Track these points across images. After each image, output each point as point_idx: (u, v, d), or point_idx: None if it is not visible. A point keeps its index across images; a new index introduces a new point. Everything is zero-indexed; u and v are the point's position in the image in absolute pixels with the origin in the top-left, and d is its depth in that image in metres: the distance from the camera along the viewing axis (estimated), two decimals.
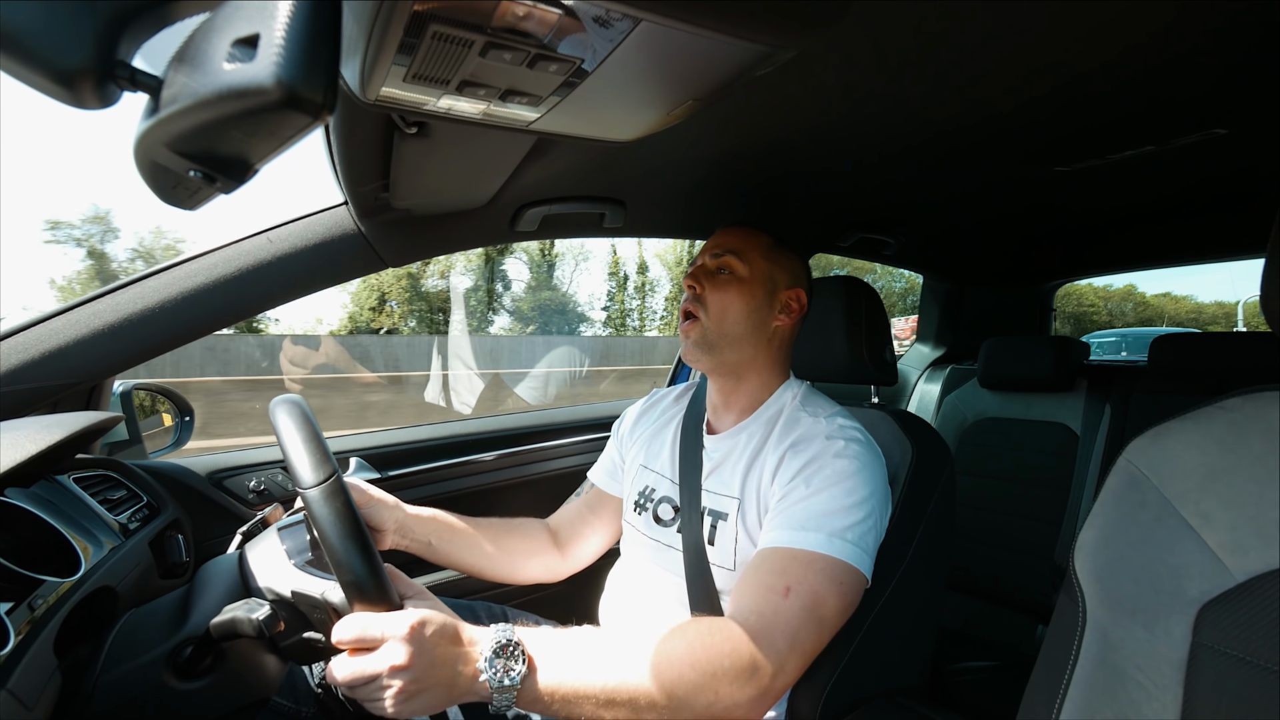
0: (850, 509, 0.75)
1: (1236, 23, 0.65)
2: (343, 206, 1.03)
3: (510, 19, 0.47)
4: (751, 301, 0.92)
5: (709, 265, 0.95)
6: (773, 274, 0.94)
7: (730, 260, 0.93)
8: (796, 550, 0.73)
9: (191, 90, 0.32)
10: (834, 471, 0.78)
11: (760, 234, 0.97)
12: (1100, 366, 1.69)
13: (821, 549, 0.72)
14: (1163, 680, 0.46)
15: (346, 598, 0.64)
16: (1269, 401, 0.48)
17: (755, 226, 0.98)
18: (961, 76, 0.76)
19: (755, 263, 0.93)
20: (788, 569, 0.72)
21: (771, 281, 0.94)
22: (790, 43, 0.51)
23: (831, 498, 0.76)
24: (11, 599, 0.63)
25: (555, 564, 1.07)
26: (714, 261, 0.94)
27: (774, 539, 0.76)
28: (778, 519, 0.78)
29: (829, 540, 0.73)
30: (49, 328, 0.88)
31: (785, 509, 0.78)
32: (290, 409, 0.72)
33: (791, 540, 0.74)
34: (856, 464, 0.79)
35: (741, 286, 0.92)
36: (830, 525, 0.74)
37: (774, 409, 0.93)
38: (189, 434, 1.26)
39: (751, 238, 0.96)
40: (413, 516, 0.97)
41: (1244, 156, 1.09)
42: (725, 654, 0.66)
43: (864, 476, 0.78)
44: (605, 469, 1.13)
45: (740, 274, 0.92)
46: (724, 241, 0.95)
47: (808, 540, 0.73)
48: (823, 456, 0.80)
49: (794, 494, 0.79)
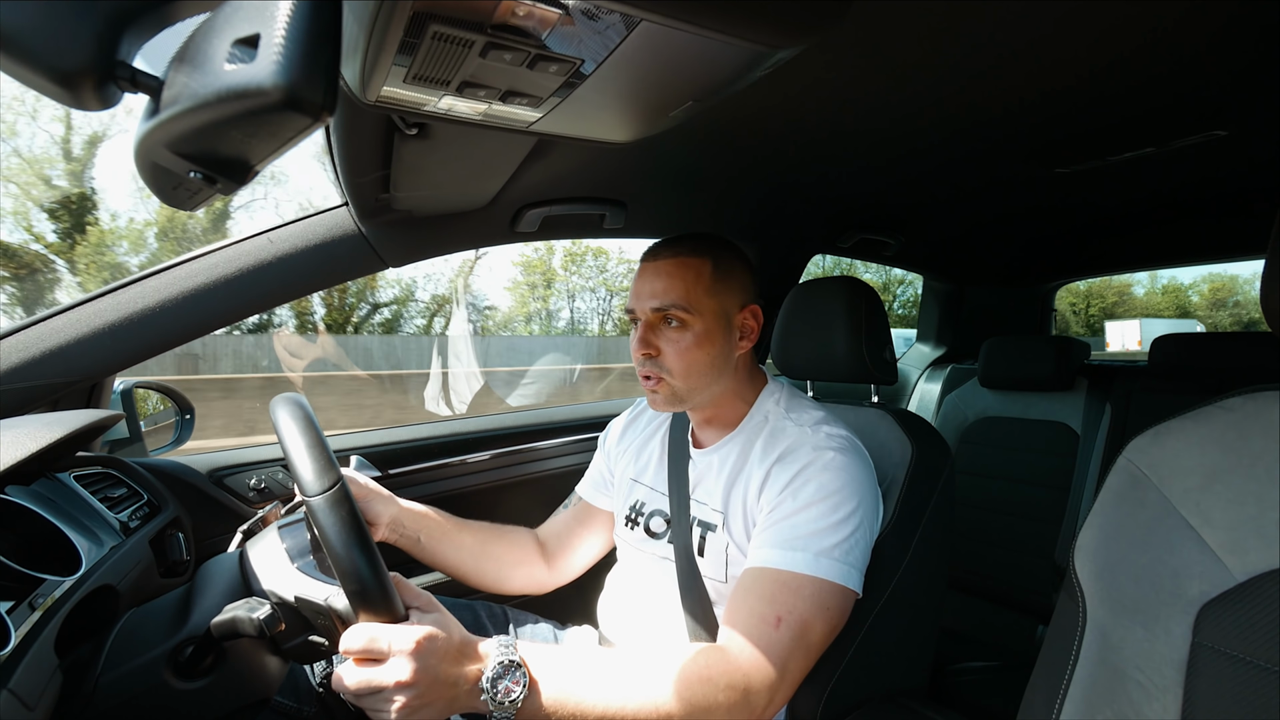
0: (838, 525, 0.75)
1: (1236, 25, 0.65)
2: (343, 207, 1.03)
3: (510, 19, 0.47)
4: (713, 347, 0.86)
5: (652, 319, 0.87)
6: (723, 306, 0.86)
7: (676, 312, 0.84)
8: (785, 574, 0.73)
9: (192, 91, 0.32)
10: (820, 485, 0.77)
11: (695, 260, 0.86)
12: (1101, 366, 1.69)
13: (810, 570, 0.73)
14: (1163, 680, 0.46)
15: (351, 606, 0.64)
16: (1269, 401, 0.48)
17: (689, 248, 0.87)
18: (962, 77, 0.76)
19: (703, 303, 0.85)
20: (777, 596, 0.73)
21: (724, 316, 0.87)
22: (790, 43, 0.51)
23: (820, 514, 0.76)
24: (12, 598, 0.63)
25: (541, 576, 1.06)
26: (657, 315, 0.86)
27: (764, 558, 0.76)
28: (767, 534, 0.78)
29: (816, 561, 0.73)
30: (50, 326, 0.88)
31: (774, 524, 0.78)
32: (292, 410, 0.71)
33: (781, 561, 0.74)
34: (844, 476, 0.78)
35: (699, 335, 0.85)
36: (818, 544, 0.74)
37: (757, 418, 0.91)
38: (190, 432, 1.26)
39: (689, 271, 0.85)
40: (406, 511, 0.97)
41: (1244, 158, 1.09)
42: (720, 687, 0.68)
43: (851, 489, 0.78)
44: (592, 482, 1.12)
45: (692, 324, 0.85)
46: (663, 289, 0.85)
47: (796, 561, 0.73)
48: (810, 469, 0.79)
49: (782, 508, 0.78)
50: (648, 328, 0.87)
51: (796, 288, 1.10)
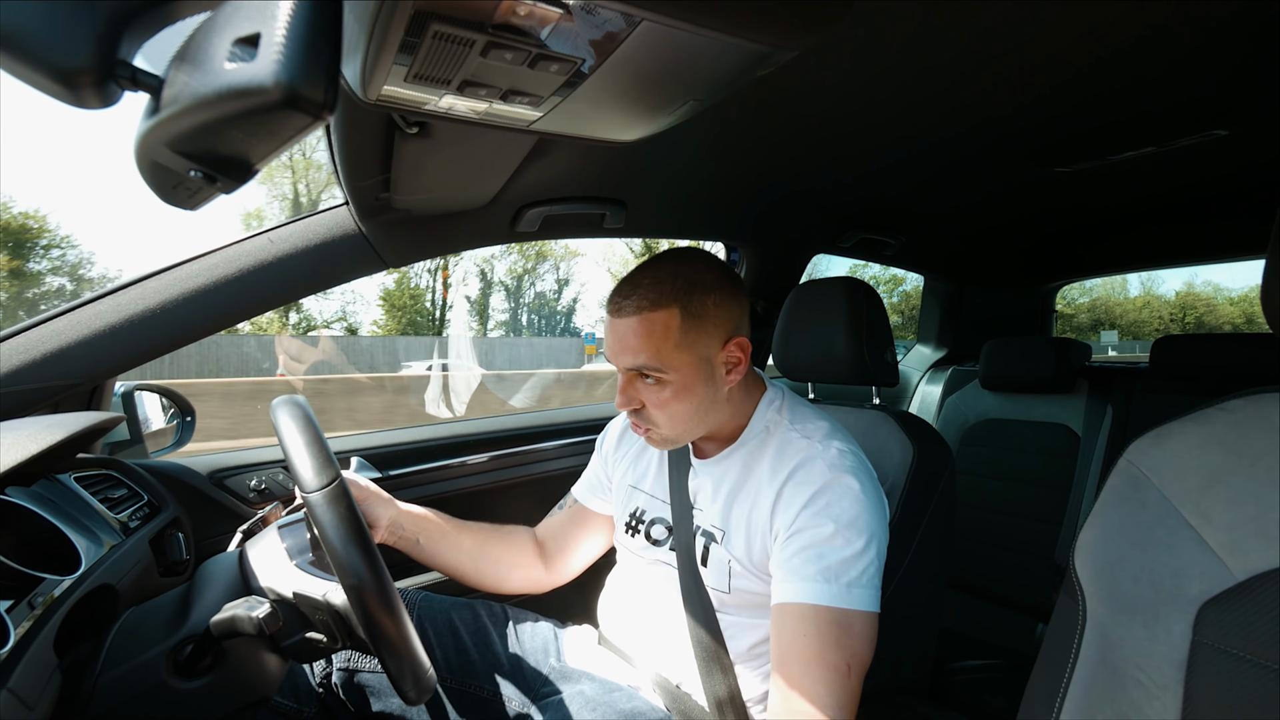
0: (864, 551, 0.74)
1: (1236, 24, 0.65)
2: (343, 207, 1.03)
3: (511, 19, 0.47)
4: (695, 396, 0.82)
5: (628, 375, 0.84)
6: (699, 353, 0.81)
7: (650, 371, 0.80)
8: (836, 611, 0.72)
9: (192, 90, 0.32)
10: (842, 510, 0.76)
11: (660, 314, 0.79)
12: (1101, 368, 1.69)
13: (858, 605, 0.73)
14: (1163, 679, 0.46)
15: (349, 601, 0.65)
16: (1270, 402, 0.48)
17: (652, 299, 0.79)
18: (962, 77, 0.76)
19: (676, 358, 0.80)
20: (841, 641, 0.71)
21: (705, 361, 0.82)
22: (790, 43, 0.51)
23: (847, 542, 0.75)
24: (12, 597, 0.63)
25: (539, 576, 1.06)
26: (630, 375, 0.83)
27: (811, 594, 0.73)
28: (802, 563, 0.75)
29: (863, 594, 0.73)
30: (51, 328, 0.88)
31: (804, 549, 0.75)
32: (292, 410, 0.72)
33: (829, 597, 0.72)
34: (863, 501, 0.77)
35: (677, 389, 0.81)
36: (849, 574, 0.73)
37: (758, 429, 0.88)
38: (190, 434, 1.26)
39: (655, 328, 0.79)
40: (405, 513, 0.97)
41: (1244, 157, 1.09)
42: None
43: (873, 512, 0.77)
44: (588, 485, 1.11)
45: (669, 380, 0.80)
46: (632, 349, 0.80)
47: (843, 596, 0.72)
48: (831, 491, 0.77)
49: (809, 534, 0.76)
50: (627, 382, 0.84)
51: (797, 288, 1.10)
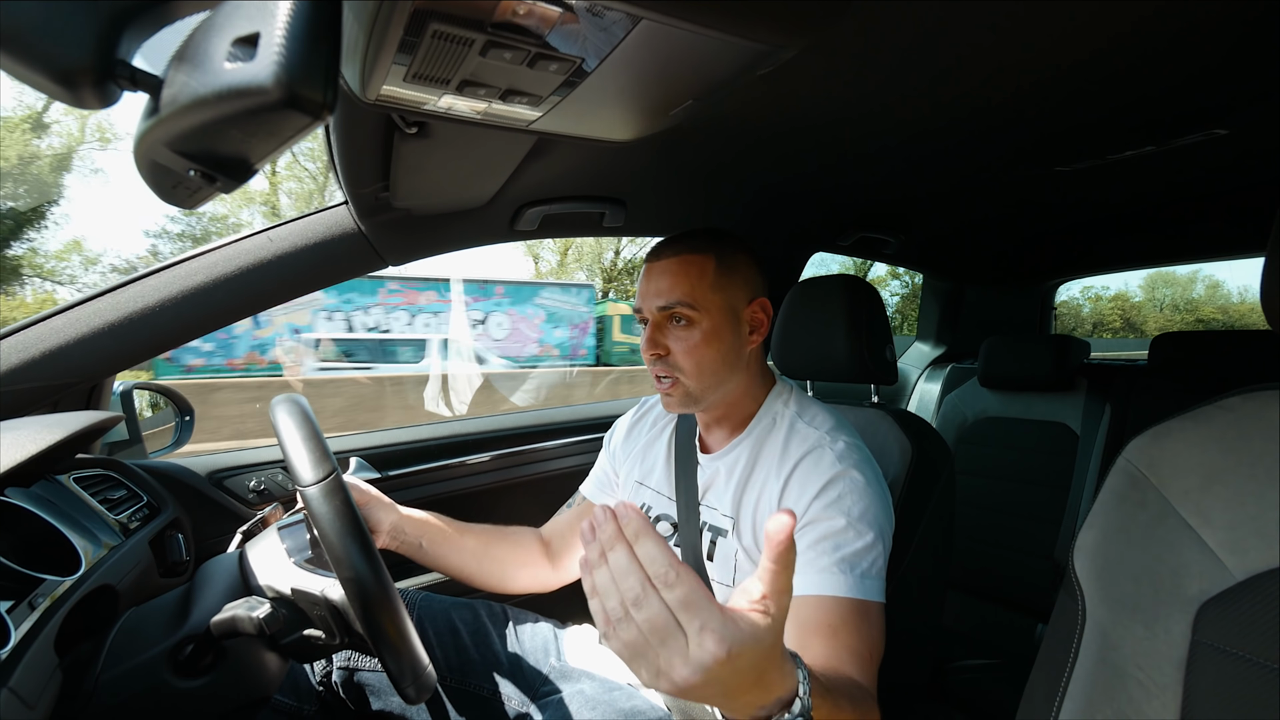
0: (873, 544, 0.75)
1: (1236, 23, 0.65)
2: (343, 206, 1.03)
3: (511, 18, 0.47)
4: (722, 344, 0.85)
5: (659, 318, 0.86)
6: (729, 301, 0.85)
7: (682, 310, 0.84)
8: (856, 602, 0.72)
9: (192, 90, 0.32)
10: (852, 504, 0.76)
11: (698, 256, 0.85)
12: (1100, 366, 1.69)
13: (874, 596, 0.73)
14: (1162, 678, 0.46)
15: (346, 594, 0.65)
16: (1269, 401, 0.48)
17: (691, 244, 0.86)
18: (961, 75, 0.76)
19: (708, 299, 0.84)
20: (862, 629, 0.71)
21: (732, 310, 0.86)
22: (790, 43, 0.51)
23: (859, 534, 0.75)
24: (12, 598, 0.63)
25: (545, 575, 1.06)
26: (663, 314, 0.86)
27: (830, 584, 0.73)
28: (821, 557, 0.74)
29: (875, 584, 0.74)
30: (49, 326, 0.88)
31: (820, 540, 0.75)
32: (290, 408, 0.72)
33: (847, 588, 0.72)
34: (870, 495, 0.77)
35: (706, 332, 0.84)
36: (862, 565, 0.74)
37: (765, 420, 0.89)
38: (189, 434, 1.26)
39: (692, 268, 0.84)
40: (406, 518, 0.97)
41: (1244, 156, 1.09)
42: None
43: (879, 508, 0.77)
44: (597, 482, 1.11)
45: (699, 321, 0.84)
46: (668, 287, 0.85)
47: (860, 587, 0.72)
48: (840, 482, 0.78)
49: (823, 525, 0.76)
50: (655, 327, 0.87)
51: (795, 286, 1.10)
